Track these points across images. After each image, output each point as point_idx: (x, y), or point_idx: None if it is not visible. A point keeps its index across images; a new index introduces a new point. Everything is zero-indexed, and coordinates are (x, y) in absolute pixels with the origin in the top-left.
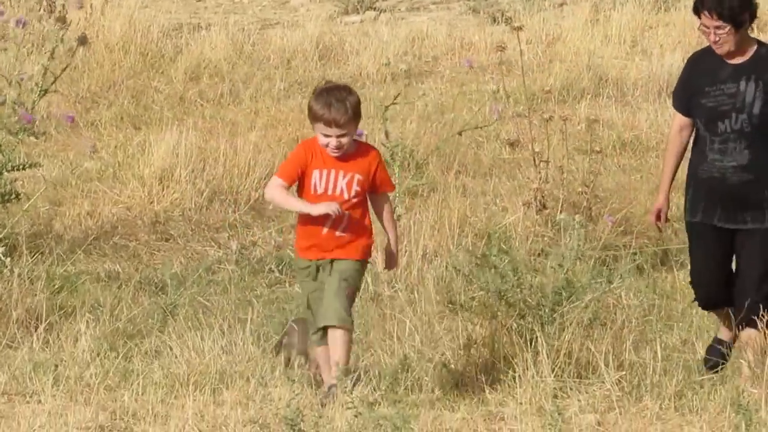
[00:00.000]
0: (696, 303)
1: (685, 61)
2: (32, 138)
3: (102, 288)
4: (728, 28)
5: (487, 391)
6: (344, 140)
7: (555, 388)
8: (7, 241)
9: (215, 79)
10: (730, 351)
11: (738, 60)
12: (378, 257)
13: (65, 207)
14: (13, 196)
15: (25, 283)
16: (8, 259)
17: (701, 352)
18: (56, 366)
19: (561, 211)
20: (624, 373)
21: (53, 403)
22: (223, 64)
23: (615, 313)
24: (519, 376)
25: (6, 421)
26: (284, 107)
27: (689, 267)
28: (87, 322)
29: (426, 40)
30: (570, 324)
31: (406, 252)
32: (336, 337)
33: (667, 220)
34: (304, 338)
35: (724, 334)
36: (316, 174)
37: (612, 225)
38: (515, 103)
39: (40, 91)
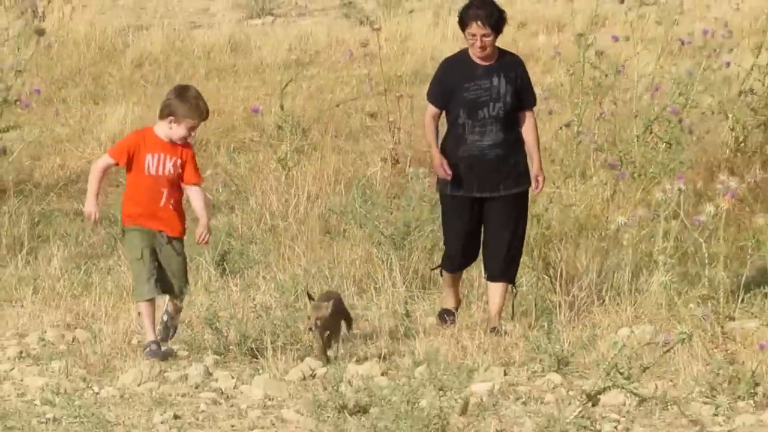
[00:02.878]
0: (440, 269)
1: (441, 64)
2: (17, 109)
3: (70, 221)
4: (492, 36)
5: (355, 299)
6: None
7: (405, 297)
8: None
9: (154, 67)
10: (455, 316)
11: (488, 62)
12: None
13: (42, 161)
14: (2, 152)
15: (12, 218)
16: None
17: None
18: (35, 279)
19: (409, 165)
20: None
21: (32, 307)
22: (160, 55)
23: None
24: (378, 287)
25: None
26: (205, 88)
27: (444, 237)
28: (58, 246)
29: (310, 38)
30: (416, 248)
31: (295, 196)
32: (174, 303)
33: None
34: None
35: (451, 304)
36: (149, 157)
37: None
38: (376, 84)
39: (15, 71)
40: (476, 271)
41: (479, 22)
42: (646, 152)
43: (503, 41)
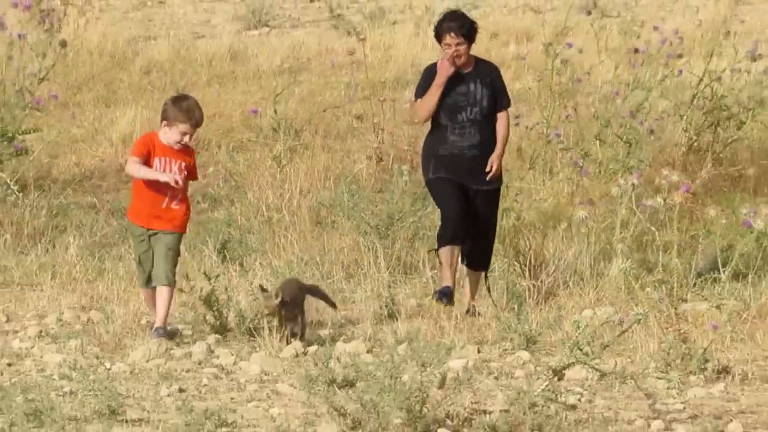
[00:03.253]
0: (440, 245)
1: (425, 69)
2: (36, 112)
3: (84, 214)
4: (466, 45)
5: (343, 283)
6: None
7: (389, 281)
8: (20, 182)
9: (160, 74)
10: (452, 294)
11: (465, 70)
12: None
13: (60, 159)
14: (24, 151)
15: (33, 210)
16: (21, 194)
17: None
18: (53, 266)
19: (392, 163)
20: (435, 271)
21: (51, 291)
22: (166, 63)
23: (429, 230)
24: (365, 273)
25: (20, 303)
26: (207, 93)
27: (440, 210)
28: (74, 236)
29: (302, 47)
30: (399, 238)
31: (288, 190)
32: (162, 293)
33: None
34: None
35: (449, 281)
36: (156, 161)
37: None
38: (362, 89)
39: (38, 79)
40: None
41: (452, 33)
42: (606, 150)
43: (476, 50)
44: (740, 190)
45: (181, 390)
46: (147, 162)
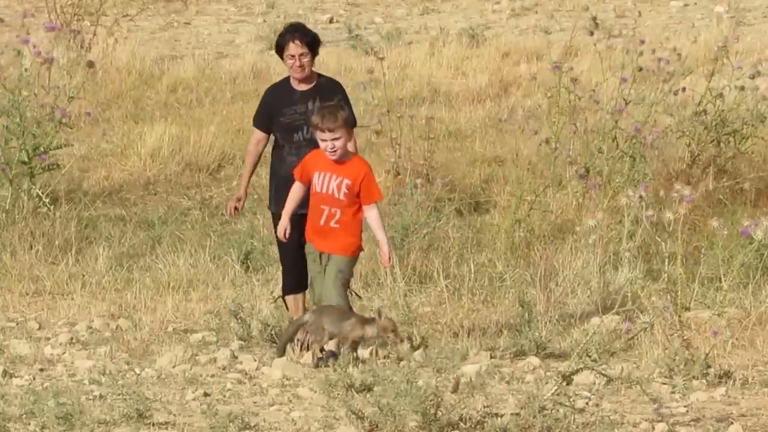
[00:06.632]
0: (282, 296)
1: (265, 91)
2: (67, 128)
3: (113, 225)
4: (309, 56)
5: (362, 293)
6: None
7: (405, 290)
8: (51, 194)
9: (187, 91)
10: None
11: (305, 87)
12: None
13: (90, 173)
14: (56, 165)
15: (63, 222)
16: (52, 206)
17: (500, 268)
18: (83, 276)
19: (409, 176)
20: (450, 280)
21: (81, 299)
22: (192, 81)
23: (444, 241)
24: (382, 282)
25: (51, 311)
26: (231, 109)
27: (279, 256)
28: (103, 247)
29: (323, 65)
30: (414, 248)
31: None
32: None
33: (241, 208)
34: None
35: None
36: (316, 176)
37: (442, 185)
38: (380, 106)
39: (68, 97)
40: (465, 267)
41: (296, 41)
42: (612, 165)
43: (489, 68)
44: (741, 203)
45: (206, 394)
46: (308, 181)
